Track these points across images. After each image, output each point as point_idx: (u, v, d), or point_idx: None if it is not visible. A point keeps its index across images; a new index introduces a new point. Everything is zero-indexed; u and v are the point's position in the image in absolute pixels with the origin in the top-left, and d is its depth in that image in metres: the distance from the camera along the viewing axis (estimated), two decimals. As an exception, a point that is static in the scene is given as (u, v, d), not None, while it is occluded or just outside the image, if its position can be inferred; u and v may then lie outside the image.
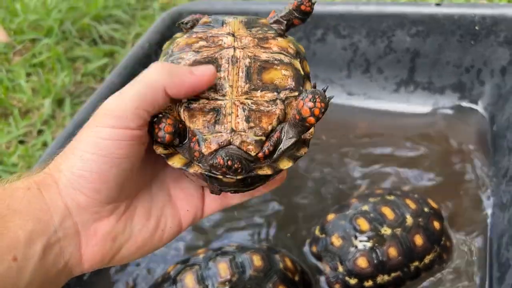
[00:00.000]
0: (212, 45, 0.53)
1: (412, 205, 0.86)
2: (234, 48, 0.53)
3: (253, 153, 0.47)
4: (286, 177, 0.57)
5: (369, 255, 0.81)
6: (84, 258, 0.47)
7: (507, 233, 0.82)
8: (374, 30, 1.11)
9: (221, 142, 0.46)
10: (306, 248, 0.89)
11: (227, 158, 0.45)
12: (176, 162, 0.48)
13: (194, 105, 0.49)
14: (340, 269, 0.82)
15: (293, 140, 0.48)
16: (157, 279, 0.84)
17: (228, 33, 0.55)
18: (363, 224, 0.83)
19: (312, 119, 0.46)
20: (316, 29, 1.15)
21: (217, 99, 0.49)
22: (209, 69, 0.49)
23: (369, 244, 0.81)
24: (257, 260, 0.81)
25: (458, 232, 0.89)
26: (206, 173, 0.47)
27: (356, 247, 0.82)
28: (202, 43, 0.54)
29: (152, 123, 0.47)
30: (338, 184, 1.00)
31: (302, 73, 0.53)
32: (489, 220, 0.90)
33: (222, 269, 0.79)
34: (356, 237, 0.82)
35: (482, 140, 1.04)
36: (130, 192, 0.50)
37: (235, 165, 0.45)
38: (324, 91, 0.47)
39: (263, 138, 0.47)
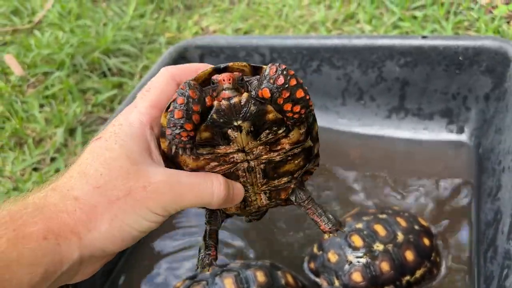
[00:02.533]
0: (224, 164, 0.51)
1: (403, 223, 0.92)
2: (248, 161, 0.52)
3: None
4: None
5: (363, 269, 0.87)
6: (73, 279, 0.50)
7: (491, 248, 0.88)
8: (365, 61, 1.20)
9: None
10: (305, 265, 0.96)
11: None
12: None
13: None
14: (337, 283, 0.88)
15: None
16: (167, 294, 0.91)
17: (238, 150, 0.51)
18: (357, 240, 0.90)
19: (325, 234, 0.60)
20: (312, 61, 1.24)
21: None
22: (240, 196, 0.55)
23: (363, 260, 0.87)
24: (260, 276, 0.87)
25: (447, 248, 0.95)
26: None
27: (351, 262, 0.88)
28: (213, 164, 0.51)
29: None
30: (334, 204, 1.06)
31: (312, 144, 0.55)
32: (475, 236, 0.96)
33: (228, 284, 0.85)
34: (350, 253, 0.89)
35: (468, 162, 1.12)
36: None
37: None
38: (337, 230, 0.61)
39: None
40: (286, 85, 0.47)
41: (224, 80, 0.47)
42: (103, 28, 1.91)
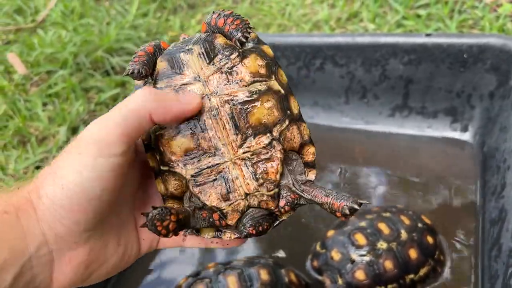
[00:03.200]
0: None
1: (407, 221, 0.92)
2: (208, 97, 0.50)
3: (273, 207, 0.51)
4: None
5: (367, 268, 0.86)
6: (55, 284, 0.47)
7: (496, 246, 0.87)
8: (369, 59, 1.19)
9: (242, 210, 0.50)
10: (308, 263, 0.95)
11: (257, 225, 0.50)
12: (207, 234, 0.52)
13: (200, 179, 0.50)
14: (340, 281, 0.88)
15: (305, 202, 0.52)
16: (169, 292, 0.90)
17: (194, 79, 0.51)
18: (361, 239, 0.89)
19: (341, 217, 0.49)
20: (315, 59, 1.23)
21: (218, 164, 0.50)
22: (195, 98, 0.49)
23: (366, 258, 0.87)
24: (264, 274, 0.87)
25: (451, 246, 0.95)
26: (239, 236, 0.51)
27: (354, 260, 0.88)
28: None
29: (151, 219, 0.45)
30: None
31: (283, 91, 0.52)
32: (480, 235, 0.96)
33: (231, 282, 0.85)
34: (354, 251, 0.88)
35: (473, 160, 1.11)
36: (105, 220, 0.49)
37: (263, 228, 0.50)
38: (360, 205, 0.48)
39: (276, 190, 0.51)
40: (215, 12, 0.54)
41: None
42: (106, 27, 1.91)
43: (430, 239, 0.91)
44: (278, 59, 1.28)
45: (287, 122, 0.52)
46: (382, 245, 0.88)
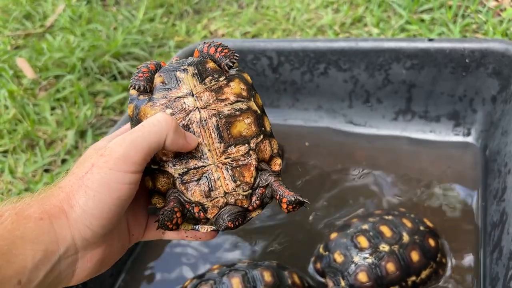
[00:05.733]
0: (177, 111, 0.59)
1: (409, 224, 0.93)
2: (199, 110, 0.59)
3: (246, 205, 0.60)
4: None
5: (369, 270, 0.88)
6: (74, 278, 0.54)
7: (497, 249, 0.88)
8: (372, 63, 1.21)
9: (220, 206, 0.59)
10: (311, 265, 0.97)
11: (233, 220, 0.58)
12: (185, 226, 0.60)
13: (187, 178, 0.58)
14: (342, 283, 0.89)
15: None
16: (175, 293, 0.92)
17: (187, 94, 0.60)
18: (363, 241, 0.90)
19: (284, 206, 0.58)
20: (319, 64, 1.25)
21: (203, 166, 0.58)
22: (195, 141, 0.58)
23: (368, 260, 0.88)
24: (267, 276, 0.88)
25: (453, 249, 0.96)
26: (216, 229, 0.60)
27: (356, 263, 0.89)
28: (168, 111, 0.59)
29: (162, 221, 0.55)
30: (340, 205, 1.07)
31: (259, 111, 0.62)
32: (481, 238, 0.96)
33: (235, 284, 0.86)
34: (356, 254, 0.90)
35: (474, 164, 1.12)
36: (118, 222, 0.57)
37: (239, 222, 0.59)
38: (303, 203, 0.58)
39: (250, 191, 0.60)
40: (206, 43, 0.65)
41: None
42: (114, 32, 1.94)
43: (432, 242, 0.92)
44: (282, 64, 1.30)
45: (261, 136, 0.61)
46: (384, 247, 0.89)
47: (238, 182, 0.59)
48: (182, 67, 0.61)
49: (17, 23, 2.14)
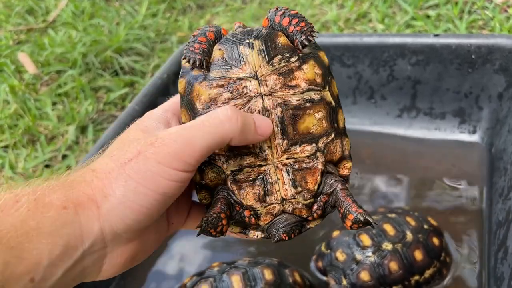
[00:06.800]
0: (237, 95, 0.50)
1: (412, 222, 0.91)
2: (262, 97, 0.50)
3: (305, 216, 0.52)
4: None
5: (371, 269, 0.86)
6: (101, 274, 0.48)
7: (502, 248, 0.87)
8: (377, 59, 1.19)
9: (275, 213, 0.51)
10: (312, 264, 0.95)
11: (289, 232, 0.51)
12: (234, 229, 0.53)
13: (240, 177, 0.50)
14: (344, 282, 0.87)
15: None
16: (174, 290, 0.91)
17: (251, 75, 0.50)
18: (366, 240, 0.89)
19: (348, 223, 0.50)
20: (322, 59, 1.23)
21: (260, 165, 0.50)
22: (268, 129, 0.49)
23: (371, 259, 0.87)
24: (268, 274, 0.87)
25: (457, 249, 0.94)
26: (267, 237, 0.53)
27: (359, 261, 0.87)
28: (226, 95, 0.50)
29: (205, 229, 0.47)
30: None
31: (333, 103, 0.52)
32: (486, 237, 0.95)
33: (235, 281, 0.85)
34: (359, 252, 0.88)
35: (480, 162, 1.10)
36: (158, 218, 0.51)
37: (294, 234, 0.51)
38: (371, 224, 0.49)
39: (312, 200, 0.51)
40: (279, 10, 0.54)
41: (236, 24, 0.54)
42: (116, 27, 1.92)
43: (436, 241, 0.90)
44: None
45: (333, 135, 0.52)
46: (387, 246, 0.88)
47: (299, 189, 0.50)
48: (248, 40, 0.51)
49: (20, 18, 2.14)
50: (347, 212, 0.49)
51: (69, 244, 0.43)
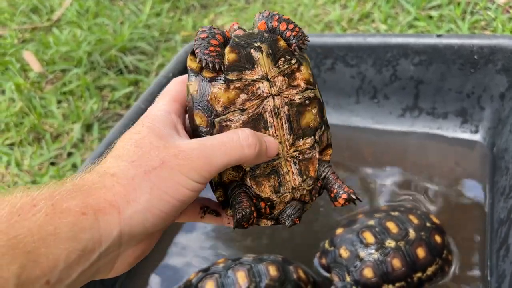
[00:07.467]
0: (253, 97, 0.54)
1: (415, 220, 0.93)
2: (273, 97, 0.55)
3: (307, 200, 0.58)
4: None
5: (375, 266, 0.87)
6: (112, 272, 0.50)
7: (504, 246, 0.88)
8: (380, 59, 1.20)
9: (287, 201, 0.57)
10: (316, 260, 0.96)
11: (300, 216, 0.57)
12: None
13: (257, 172, 0.55)
14: (348, 279, 0.89)
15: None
16: (179, 286, 0.92)
17: (263, 77, 0.54)
18: (369, 237, 0.90)
19: (339, 202, 0.57)
20: (326, 59, 1.24)
21: (273, 160, 0.55)
22: (276, 149, 0.54)
23: (374, 256, 0.88)
24: (272, 271, 0.88)
25: (459, 246, 0.95)
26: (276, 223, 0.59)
27: (362, 258, 0.89)
28: (243, 96, 0.54)
29: (239, 222, 0.54)
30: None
31: (321, 99, 0.59)
32: (488, 235, 0.96)
33: (240, 277, 0.86)
34: (362, 249, 0.89)
35: (482, 161, 1.11)
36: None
37: (300, 218, 0.58)
38: (357, 200, 0.58)
39: (313, 186, 0.58)
40: (274, 15, 0.58)
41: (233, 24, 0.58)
42: (120, 26, 1.94)
43: (438, 239, 0.92)
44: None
45: (323, 127, 0.59)
46: (390, 243, 0.89)
47: (304, 177, 0.57)
48: (256, 44, 0.55)
49: (24, 17, 2.15)
50: (340, 192, 0.57)
51: (87, 249, 0.43)
